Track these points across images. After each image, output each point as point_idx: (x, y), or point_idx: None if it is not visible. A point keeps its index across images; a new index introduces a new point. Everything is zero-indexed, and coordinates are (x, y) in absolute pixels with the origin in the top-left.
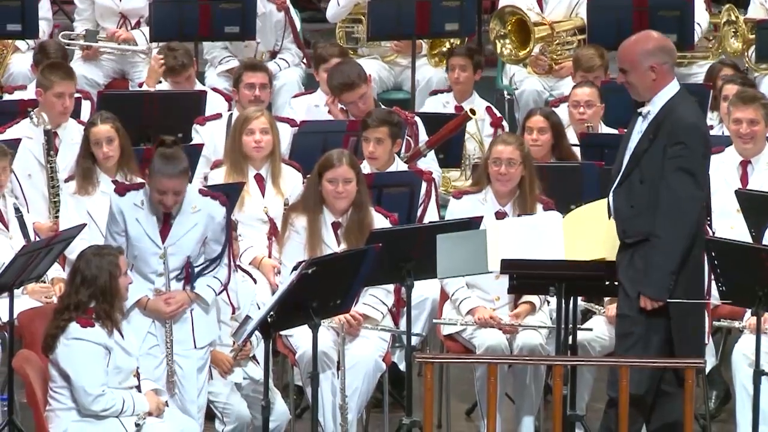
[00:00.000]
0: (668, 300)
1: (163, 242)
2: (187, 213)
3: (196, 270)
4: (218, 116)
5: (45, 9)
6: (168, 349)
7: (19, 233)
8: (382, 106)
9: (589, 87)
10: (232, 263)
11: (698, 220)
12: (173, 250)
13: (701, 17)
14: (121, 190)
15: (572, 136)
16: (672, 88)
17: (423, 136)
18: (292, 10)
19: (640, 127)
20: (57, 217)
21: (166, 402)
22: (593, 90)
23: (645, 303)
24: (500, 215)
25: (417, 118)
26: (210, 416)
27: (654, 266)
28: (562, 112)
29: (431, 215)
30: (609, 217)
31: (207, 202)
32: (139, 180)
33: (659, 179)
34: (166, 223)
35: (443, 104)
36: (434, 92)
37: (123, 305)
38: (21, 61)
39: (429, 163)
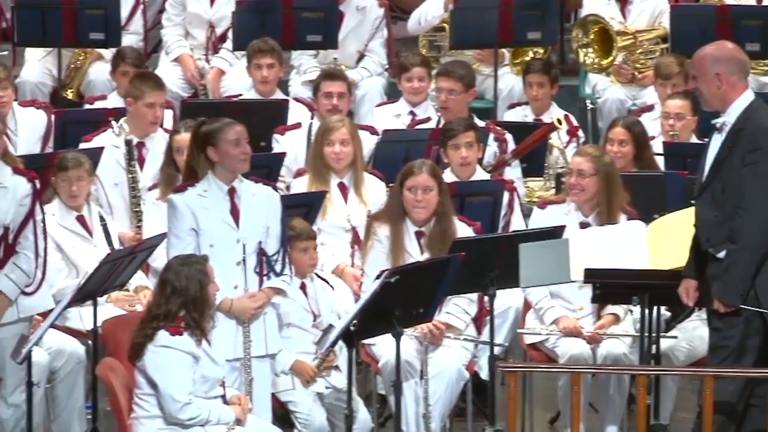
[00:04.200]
0: (741, 306)
1: (237, 226)
2: (248, 196)
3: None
4: (298, 126)
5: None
6: (246, 353)
7: (103, 241)
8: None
9: (681, 99)
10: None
11: None
12: (247, 231)
13: None
14: (180, 188)
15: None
16: (746, 98)
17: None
18: None
19: (718, 137)
20: (139, 227)
21: (250, 409)
22: (685, 102)
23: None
24: (584, 226)
25: (508, 135)
26: (290, 425)
27: (731, 271)
28: (645, 120)
29: (517, 224)
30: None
31: (261, 187)
32: None
33: (739, 187)
34: (234, 208)
35: (522, 117)
36: (513, 105)
37: (212, 313)
38: (100, 69)
39: (513, 172)
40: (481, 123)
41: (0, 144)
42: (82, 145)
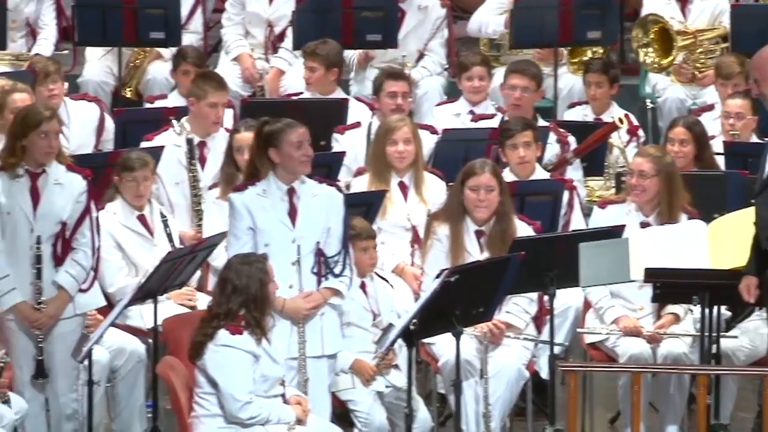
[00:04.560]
0: None
1: (294, 226)
2: (308, 196)
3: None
4: (358, 125)
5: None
6: (301, 353)
7: (164, 240)
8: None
9: (741, 98)
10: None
11: None
12: (303, 231)
13: None
14: (240, 187)
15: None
16: None
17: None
18: None
19: None
20: (200, 225)
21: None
22: (745, 102)
23: None
24: (644, 226)
25: (571, 138)
26: (350, 424)
27: None
28: (706, 120)
29: (576, 224)
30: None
31: (324, 188)
32: None
33: None
34: (292, 208)
35: (582, 116)
36: (572, 105)
37: (272, 312)
38: (159, 68)
39: (575, 173)
40: (544, 123)
41: (55, 144)
42: (143, 144)
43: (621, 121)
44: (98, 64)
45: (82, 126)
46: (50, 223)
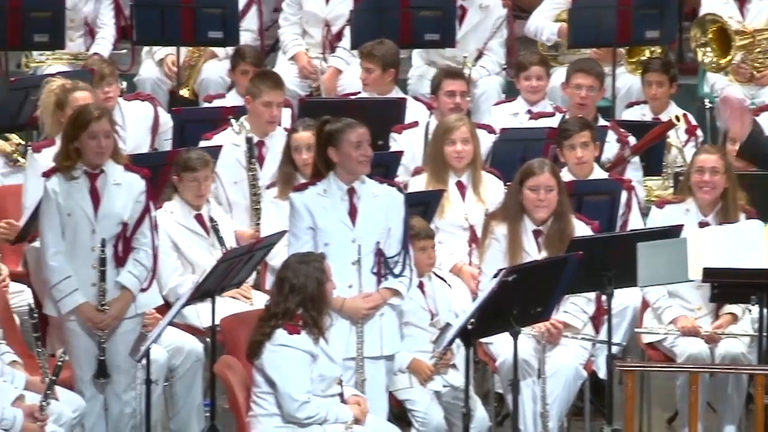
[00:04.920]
0: None
1: (354, 226)
2: (368, 197)
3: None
4: (415, 124)
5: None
6: (359, 353)
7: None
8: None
9: None
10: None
11: None
12: (363, 231)
13: None
14: (300, 187)
15: None
16: None
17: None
18: None
19: None
20: (258, 225)
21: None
22: None
23: None
24: (703, 225)
25: (631, 138)
26: (407, 423)
27: None
28: (763, 119)
29: (634, 223)
30: None
31: (385, 188)
32: None
33: None
34: (352, 208)
35: (641, 116)
36: (631, 104)
37: (330, 312)
38: (214, 68)
39: (634, 173)
40: (604, 122)
41: (106, 144)
42: (202, 144)
43: (678, 118)
44: (155, 64)
45: (137, 125)
46: (112, 224)
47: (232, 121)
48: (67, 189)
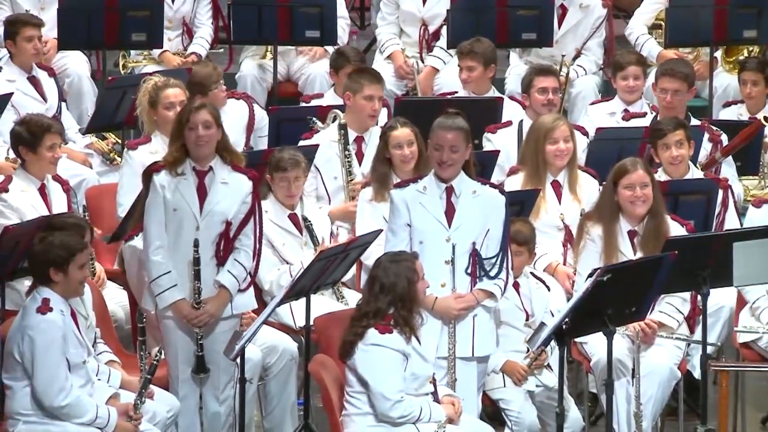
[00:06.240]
0: None
1: (449, 225)
2: (468, 197)
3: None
4: (509, 124)
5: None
6: (450, 353)
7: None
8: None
9: None
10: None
11: None
12: (458, 231)
13: None
14: (401, 183)
15: None
16: None
17: None
18: None
19: None
20: (353, 198)
21: None
22: None
23: None
24: None
25: (723, 136)
26: (500, 422)
27: None
28: None
29: (731, 223)
30: None
31: (486, 189)
32: None
33: None
34: (449, 207)
35: (737, 115)
36: (727, 104)
37: (421, 311)
38: (315, 68)
39: (727, 171)
40: (696, 122)
41: (210, 136)
42: (301, 143)
43: (766, 119)
44: (254, 62)
45: (232, 125)
46: (216, 222)
47: (314, 119)
48: (175, 184)
